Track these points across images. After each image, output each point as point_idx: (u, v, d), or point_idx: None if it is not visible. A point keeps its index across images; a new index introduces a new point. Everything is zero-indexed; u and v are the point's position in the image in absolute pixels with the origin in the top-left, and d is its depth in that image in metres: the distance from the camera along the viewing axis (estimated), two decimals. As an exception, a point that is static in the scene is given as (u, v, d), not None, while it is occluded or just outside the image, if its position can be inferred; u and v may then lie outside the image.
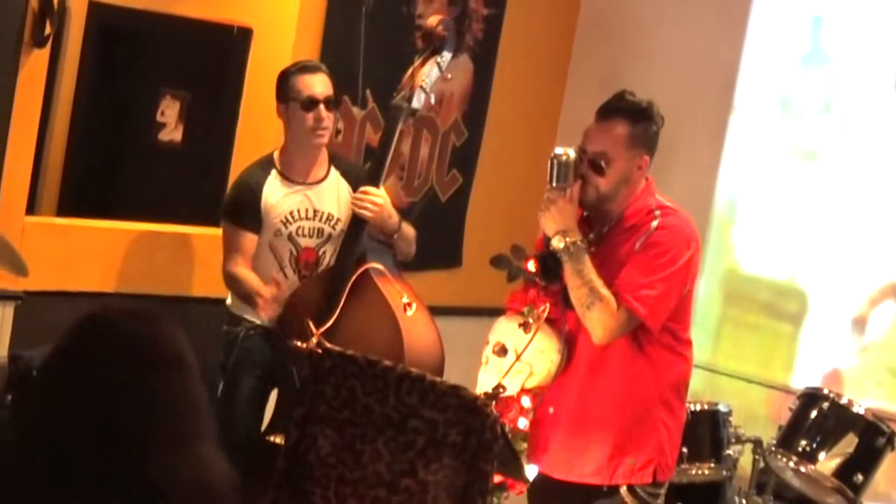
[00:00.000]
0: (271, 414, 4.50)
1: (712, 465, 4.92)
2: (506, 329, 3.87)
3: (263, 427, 4.51)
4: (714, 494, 5.03)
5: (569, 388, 3.85)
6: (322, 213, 4.58)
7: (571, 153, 3.75)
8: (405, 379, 3.30)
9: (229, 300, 4.64)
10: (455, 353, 4.27)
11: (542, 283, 3.85)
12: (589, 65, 6.43)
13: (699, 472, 4.89)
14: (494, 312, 4.03)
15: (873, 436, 4.82)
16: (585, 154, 3.76)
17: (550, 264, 3.80)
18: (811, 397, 4.97)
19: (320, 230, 4.59)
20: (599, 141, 3.75)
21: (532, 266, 3.88)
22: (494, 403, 3.41)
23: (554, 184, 3.74)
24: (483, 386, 3.75)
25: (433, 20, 4.53)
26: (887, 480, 5.28)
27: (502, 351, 3.82)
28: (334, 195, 4.59)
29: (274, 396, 4.51)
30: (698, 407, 4.89)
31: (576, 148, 3.77)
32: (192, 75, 5.81)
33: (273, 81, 4.66)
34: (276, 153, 4.62)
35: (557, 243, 3.72)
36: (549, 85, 6.48)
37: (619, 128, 3.74)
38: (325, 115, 4.52)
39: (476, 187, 6.23)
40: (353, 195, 4.39)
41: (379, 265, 4.20)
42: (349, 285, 4.17)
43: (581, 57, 6.50)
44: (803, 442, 4.85)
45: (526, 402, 3.89)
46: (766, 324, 6.05)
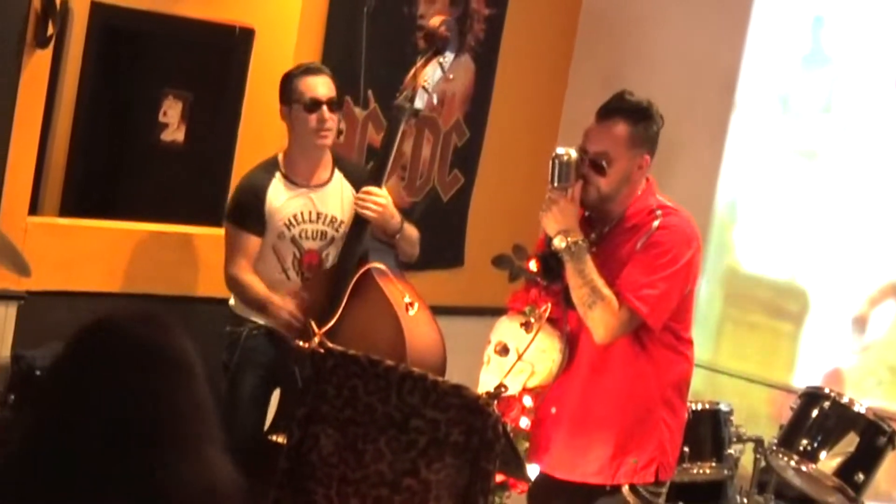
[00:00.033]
0: (273, 413, 4.50)
1: (714, 465, 4.92)
2: (507, 329, 3.87)
3: (266, 427, 4.51)
4: (715, 493, 5.03)
5: (571, 388, 3.86)
6: (325, 216, 4.58)
7: (573, 153, 3.75)
8: (407, 378, 3.31)
9: (232, 301, 4.64)
10: (457, 353, 4.27)
11: (544, 283, 3.85)
12: (590, 65, 6.43)
13: (701, 472, 4.89)
14: (496, 312, 4.02)
15: (874, 435, 4.82)
16: (586, 154, 3.76)
17: (552, 264, 3.80)
18: (812, 396, 4.97)
19: (323, 233, 4.59)
20: (600, 141, 3.76)
21: (534, 266, 3.87)
22: (496, 403, 3.41)
23: (555, 184, 3.75)
24: (485, 385, 3.74)
25: (435, 21, 4.53)
26: (888, 479, 5.28)
27: (504, 350, 3.82)
28: (338, 198, 4.59)
29: (276, 396, 4.51)
30: (700, 406, 4.89)
31: (577, 148, 3.78)
32: (195, 76, 5.81)
33: (275, 82, 4.66)
34: (281, 156, 4.62)
35: (559, 243, 3.72)
36: (551, 85, 6.48)
37: (620, 128, 3.74)
38: (329, 117, 4.52)
39: (478, 187, 6.23)
40: (356, 195, 4.38)
41: (381, 265, 4.20)
42: (351, 285, 4.18)
43: (582, 57, 6.50)
44: (804, 441, 4.85)
45: (528, 402, 3.89)
46: (767, 323, 6.05)
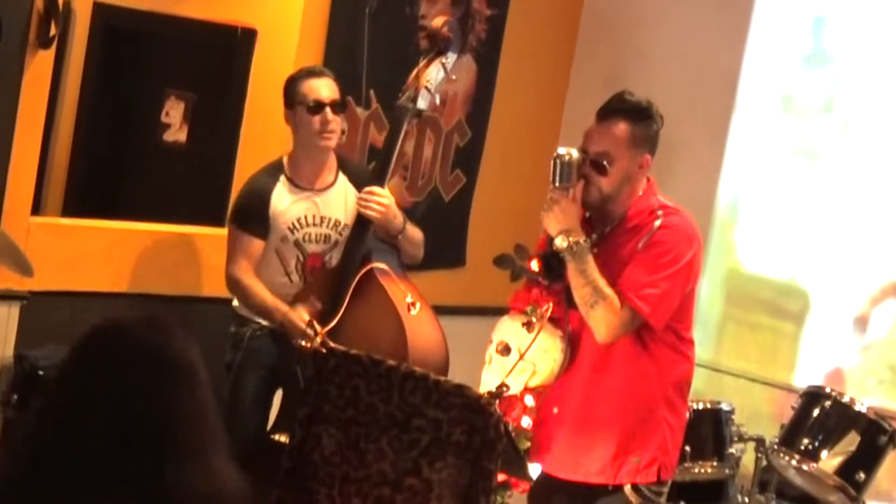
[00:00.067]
0: (276, 413, 4.51)
1: (715, 464, 4.92)
2: (509, 328, 3.87)
3: (269, 427, 4.52)
4: (717, 493, 5.04)
5: (573, 388, 3.86)
6: (329, 220, 4.58)
7: (574, 153, 3.76)
8: (409, 378, 3.32)
9: (236, 302, 4.63)
10: (459, 353, 4.27)
11: (546, 283, 3.85)
12: (592, 65, 6.43)
13: (702, 471, 4.90)
14: (498, 312, 4.03)
15: (875, 434, 4.82)
16: (587, 154, 3.77)
17: (553, 264, 3.80)
18: (813, 396, 4.97)
19: (327, 236, 4.58)
20: (601, 141, 3.76)
21: (535, 265, 3.88)
22: (498, 402, 3.42)
23: (557, 183, 3.75)
24: (486, 385, 3.74)
25: (438, 21, 4.54)
26: (889, 479, 5.28)
27: (506, 350, 3.82)
28: (342, 201, 4.58)
29: (279, 396, 4.52)
30: (701, 405, 4.90)
31: (578, 148, 3.79)
32: (197, 76, 5.82)
33: (277, 82, 4.66)
34: (285, 159, 4.61)
35: (561, 243, 3.72)
36: (552, 85, 6.48)
37: (621, 127, 3.75)
38: (332, 118, 4.51)
39: (479, 187, 6.24)
40: (359, 195, 4.38)
41: (383, 264, 4.20)
42: (354, 285, 4.18)
43: (584, 57, 6.51)
44: (805, 440, 4.86)
45: (529, 401, 3.89)
46: (769, 323, 6.05)
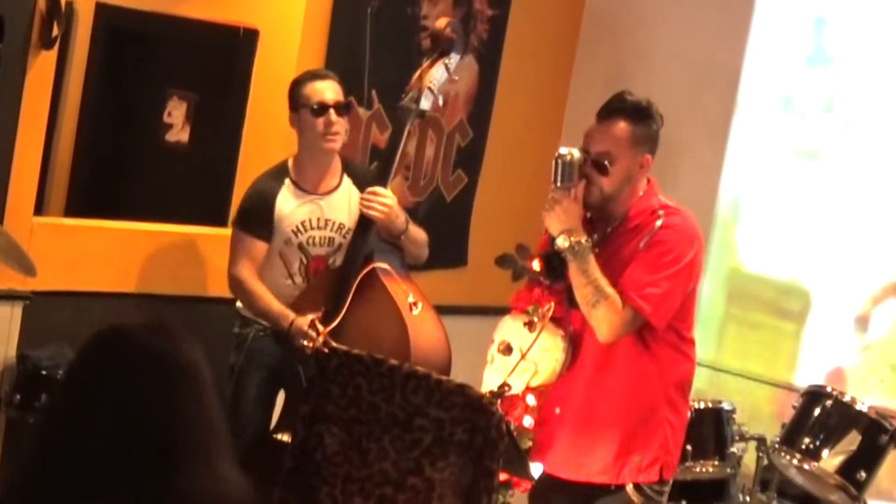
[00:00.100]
0: (279, 413, 4.51)
1: (716, 463, 4.93)
2: (511, 328, 3.87)
3: (271, 427, 4.52)
4: (718, 492, 5.04)
5: (575, 388, 3.86)
6: (333, 223, 4.57)
7: (576, 153, 3.76)
8: (411, 377, 3.33)
9: (240, 303, 4.64)
10: (460, 352, 4.28)
11: (547, 282, 3.85)
12: (593, 65, 6.44)
13: (703, 470, 4.90)
14: (499, 311, 4.03)
15: (876, 433, 4.82)
16: (588, 155, 3.77)
17: (555, 263, 3.81)
18: (814, 395, 4.98)
19: (331, 239, 4.57)
20: (602, 141, 3.77)
21: (537, 265, 3.88)
22: (500, 402, 3.43)
23: (558, 183, 3.75)
24: (488, 384, 3.75)
25: (441, 22, 4.55)
26: (890, 478, 5.29)
27: (507, 350, 3.83)
28: (346, 204, 4.57)
29: (282, 396, 4.53)
30: (702, 405, 4.90)
31: (579, 148, 3.79)
32: (199, 76, 5.82)
33: (279, 82, 4.67)
34: (291, 161, 4.60)
35: (562, 242, 3.73)
36: (554, 85, 6.49)
37: (621, 127, 3.75)
38: (336, 120, 4.49)
39: (481, 187, 6.24)
40: (362, 195, 4.38)
41: (385, 264, 4.21)
42: (356, 285, 4.19)
43: (585, 57, 6.51)
44: (807, 439, 4.86)
45: (531, 401, 3.89)
46: (770, 322, 6.06)
